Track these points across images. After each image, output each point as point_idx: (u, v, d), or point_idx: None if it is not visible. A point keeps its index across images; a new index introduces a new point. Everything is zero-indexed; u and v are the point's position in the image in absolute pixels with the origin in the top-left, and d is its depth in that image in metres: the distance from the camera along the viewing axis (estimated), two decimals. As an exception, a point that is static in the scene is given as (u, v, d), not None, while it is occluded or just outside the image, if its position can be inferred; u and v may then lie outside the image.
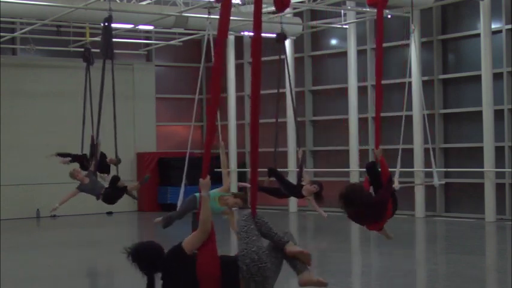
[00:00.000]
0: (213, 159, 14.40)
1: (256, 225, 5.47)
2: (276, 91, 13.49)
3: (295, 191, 13.02)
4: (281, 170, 15.83)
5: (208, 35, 12.52)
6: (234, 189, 20.21)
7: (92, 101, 14.45)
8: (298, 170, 14.07)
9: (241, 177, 21.99)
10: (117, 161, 13.71)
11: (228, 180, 11.03)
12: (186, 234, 5.48)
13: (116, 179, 13.14)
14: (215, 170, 22.16)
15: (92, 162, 14.35)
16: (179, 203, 11.01)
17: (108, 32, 12.49)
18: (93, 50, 14.33)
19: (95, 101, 14.12)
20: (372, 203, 6.96)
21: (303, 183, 13.20)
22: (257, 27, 5.69)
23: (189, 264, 5.45)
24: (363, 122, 19.60)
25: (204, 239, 5.44)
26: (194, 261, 5.40)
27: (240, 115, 22.07)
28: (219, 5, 13.42)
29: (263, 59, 21.46)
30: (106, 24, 12.43)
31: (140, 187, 13.78)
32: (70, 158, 14.27)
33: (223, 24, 5.64)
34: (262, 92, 5.66)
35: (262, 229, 5.47)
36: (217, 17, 5.84)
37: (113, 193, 13.00)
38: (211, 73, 5.68)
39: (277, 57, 14.19)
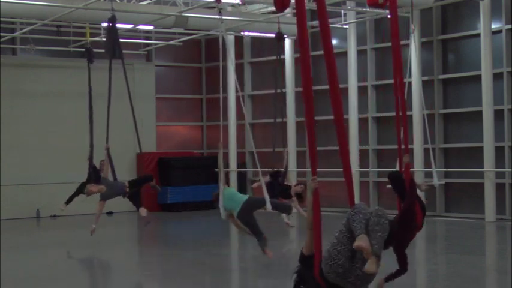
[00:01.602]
0: (212, 160, 14.43)
1: (347, 220, 5.45)
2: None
3: (283, 191, 13.55)
4: (280, 169, 15.84)
5: (222, 34, 12.49)
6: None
7: (93, 102, 14.47)
8: (283, 170, 14.47)
9: (242, 177, 22.00)
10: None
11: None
12: (183, 233, 5.50)
13: (149, 179, 13.50)
14: (215, 170, 22.31)
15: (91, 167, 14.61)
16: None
17: (113, 32, 12.50)
18: (94, 50, 14.38)
19: (95, 101, 14.17)
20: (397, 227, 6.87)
21: (288, 183, 13.71)
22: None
23: (309, 265, 5.56)
24: (363, 122, 19.60)
25: (310, 237, 5.60)
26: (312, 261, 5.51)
27: (240, 115, 22.06)
28: (219, 4, 13.43)
29: (263, 59, 21.50)
30: (111, 24, 12.43)
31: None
32: (80, 193, 14.53)
33: (302, 23, 5.58)
34: (263, 92, 5.69)
35: (348, 222, 5.43)
36: (218, 16, 5.84)
37: (139, 194, 13.48)
38: (209, 73, 5.71)
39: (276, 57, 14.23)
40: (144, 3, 16.99)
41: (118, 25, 17.06)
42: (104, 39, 16.54)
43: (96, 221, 13.54)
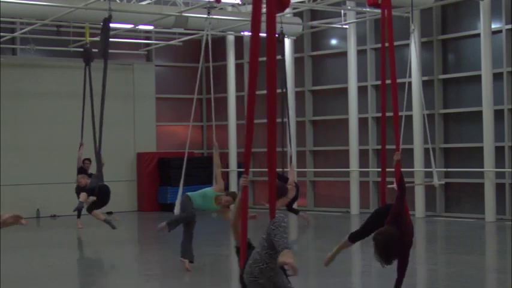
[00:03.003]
0: (212, 160, 14.52)
1: (268, 228, 5.26)
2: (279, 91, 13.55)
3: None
4: (280, 170, 15.87)
5: (207, 35, 12.51)
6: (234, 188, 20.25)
7: (88, 101, 14.47)
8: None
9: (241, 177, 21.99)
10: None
11: (221, 180, 11.26)
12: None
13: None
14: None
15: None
16: (177, 203, 11.13)
17: (105, 32, 12.51)
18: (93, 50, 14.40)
19: (94, 101, 14.15)
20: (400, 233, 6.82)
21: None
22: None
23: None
24: (363, 122, 19.60)
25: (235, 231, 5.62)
26: None
27: (240, 115, 22.07)
28: (219, 4, 13.45)
29: (262, 59, 21.31)
30: (104, 24, 12.45)
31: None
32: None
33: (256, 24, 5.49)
34: (263, 92, 5.67)
35: (270, 236, 5.22)
36: (218, 17, 5.83)
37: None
38: (209, 73, 5.70)
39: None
40: (144, 3, 16.99)
41: (118, 25, 17.15)
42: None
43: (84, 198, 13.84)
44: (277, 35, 15.13)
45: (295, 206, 16.40)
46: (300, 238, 15.86)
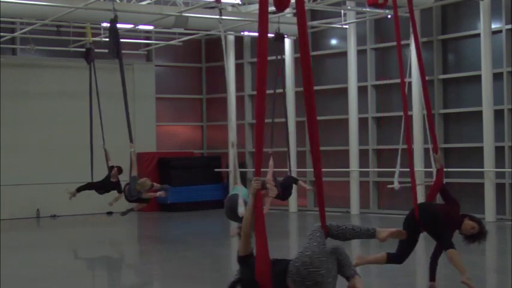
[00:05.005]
0: (212, 160, 14.54)
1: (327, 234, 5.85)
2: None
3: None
4: (279, 170, 15.87)
5: (224, 35, 12.51)
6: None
7: (93, 101, 14.42)
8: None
9: (241, 176, 21.98)
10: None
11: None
12: (183, 233, 5.49)
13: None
14: (215, 170, 22.38)
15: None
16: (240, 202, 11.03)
17: (116, 32, 12.49)
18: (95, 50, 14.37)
19: (95, 101, 14.12)
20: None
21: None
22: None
23: (248, 264, 5.60)
24: (363, 122, 19.60)
25: (247, 240, 5.55)
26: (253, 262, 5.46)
27: (240, 115, 22.07)
28: (220, 4, 13.43)
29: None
30: (113, 24, 12.43)
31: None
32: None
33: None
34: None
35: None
36: (218, 17, 5.85)
37: None
38: (209, 73, 5.69)
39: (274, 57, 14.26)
40: (144, 3, 16.98)
41: (118, 25, 17.09)
42: (106, 39, 16.53)
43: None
44: (273, 35, 15.19)
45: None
46: (299, 239, 15.85)
